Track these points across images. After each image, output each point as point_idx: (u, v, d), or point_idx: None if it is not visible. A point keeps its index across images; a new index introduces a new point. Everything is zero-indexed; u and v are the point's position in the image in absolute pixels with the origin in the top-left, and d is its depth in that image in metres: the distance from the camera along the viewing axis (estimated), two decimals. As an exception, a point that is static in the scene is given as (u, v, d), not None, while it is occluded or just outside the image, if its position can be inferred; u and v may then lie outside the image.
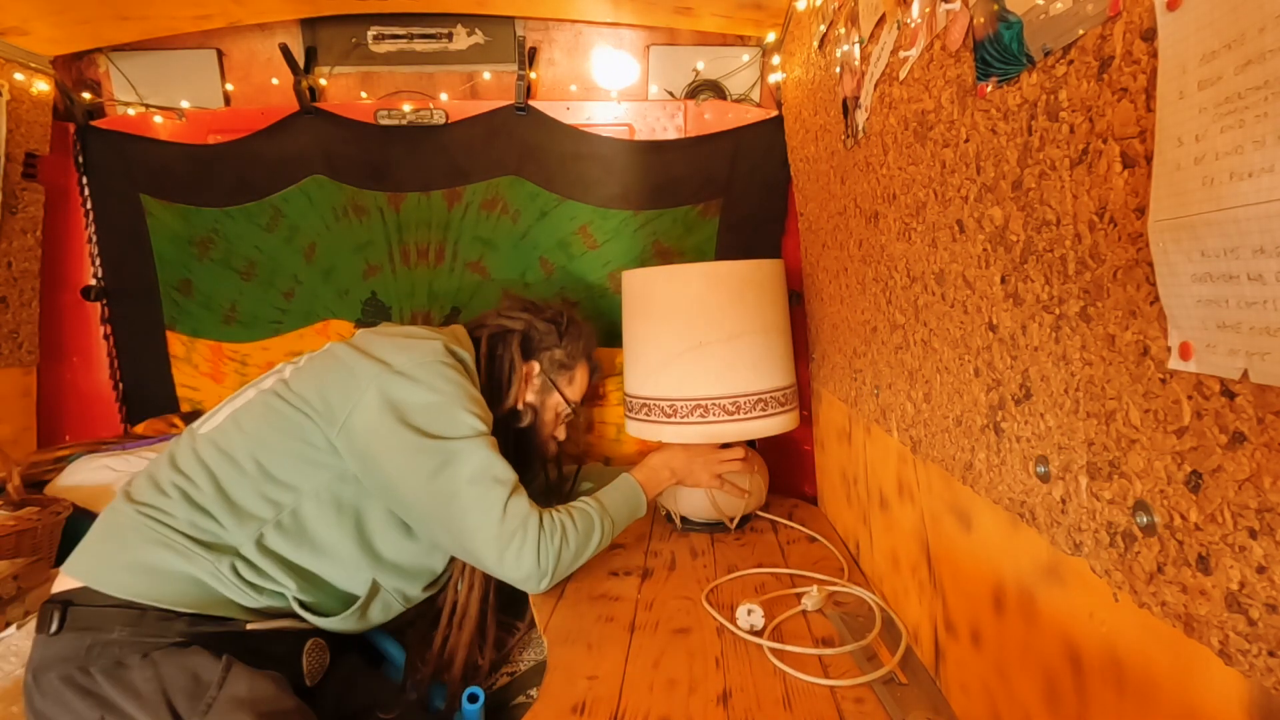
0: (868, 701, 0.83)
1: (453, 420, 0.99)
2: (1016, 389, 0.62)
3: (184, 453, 1.00)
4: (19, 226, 1.54)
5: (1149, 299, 0.44)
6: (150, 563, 0.90)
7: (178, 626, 0.89)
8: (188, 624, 0.89)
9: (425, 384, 1.00)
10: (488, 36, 1.65)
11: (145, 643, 0.87)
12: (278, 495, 0.97)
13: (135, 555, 0.90)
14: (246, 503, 0.96)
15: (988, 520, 0.72)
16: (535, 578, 1.00)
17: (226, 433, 1.00)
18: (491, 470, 0.99)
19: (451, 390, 1.01)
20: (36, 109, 1.53)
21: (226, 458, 0.98)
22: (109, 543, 0.93)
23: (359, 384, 0.99)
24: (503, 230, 1.61)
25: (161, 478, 0.97)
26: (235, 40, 1.64)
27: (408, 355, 1.02)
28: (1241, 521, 0.39)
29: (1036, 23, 0.54)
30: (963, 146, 0.68)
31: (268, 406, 1.01)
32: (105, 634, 0.86)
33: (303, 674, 0.98)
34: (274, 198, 1.60)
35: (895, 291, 0.92)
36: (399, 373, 0.99)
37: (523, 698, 1.14)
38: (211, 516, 0.94)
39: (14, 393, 1.60)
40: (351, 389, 0.99)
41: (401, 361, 1.01)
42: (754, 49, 1.62)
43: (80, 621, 0.86)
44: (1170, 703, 0.47)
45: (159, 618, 0.88)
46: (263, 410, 1.01)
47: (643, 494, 1.21)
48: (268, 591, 0.95)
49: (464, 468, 0.97)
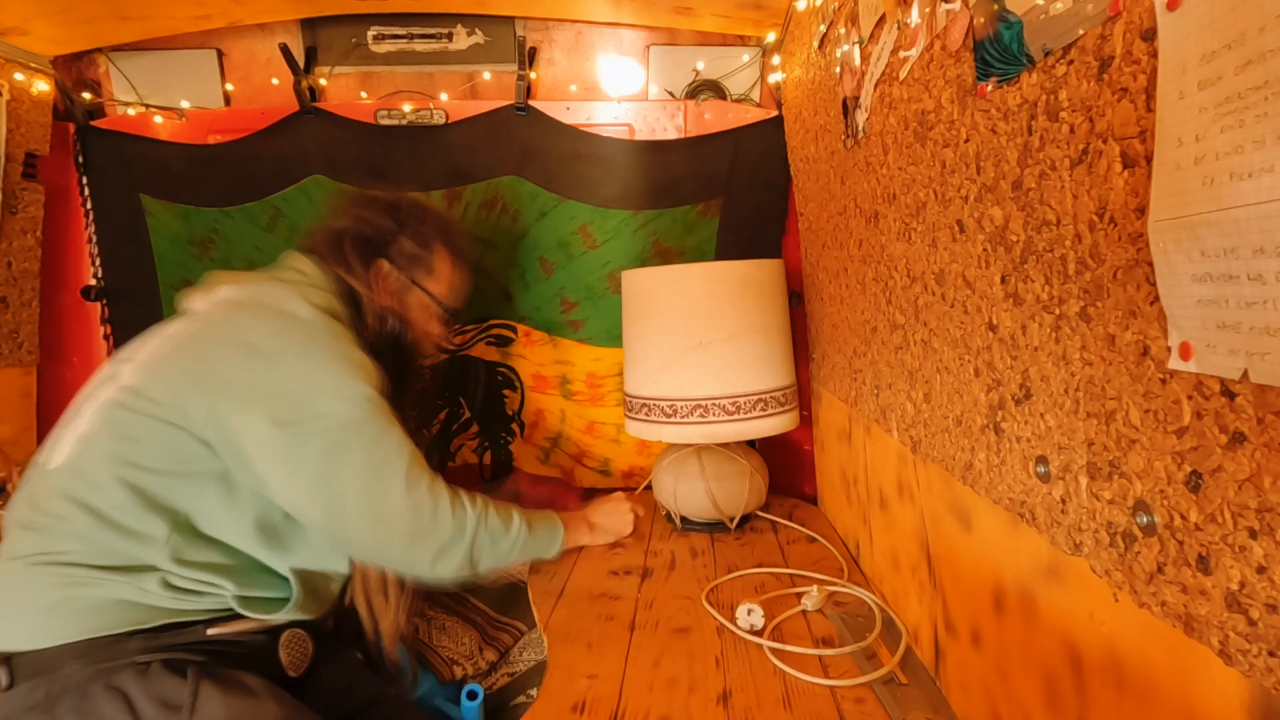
0: (868, 701, 0.83)
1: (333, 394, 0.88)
2: (1016, 389, 0.62)
3: (44, 495, 0.86)
4: (19, 226, 1.54)
5: (1149, 299, 0.44)
6: (68, 604, 0.81)
7: (133, 645, 0.81)
8: (143, 640, 0.82)
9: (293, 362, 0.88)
10: (488, 36, 1.65)
11: (104, 669, 0.79)
12: (161, 511, 0.86)
13: (47, 603, 0.81)
14: (137, 525, 0.84)
15: (988, 520, 0.72)
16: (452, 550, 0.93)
17: (81, 460, 0.86)
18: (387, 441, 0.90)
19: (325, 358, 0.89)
20: (36, 109, 1.53)
21: (91, 485, 0.85)
22: (11, 604, 0.82)
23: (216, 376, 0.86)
24: (503, 230, 1.61)
25: (31, 523, 0.85)
26: (235, 40, 1.64)
27: (264, 331, 0.89)
28: (1241, 521, 0.39)
29: (1036, 23, 0.54)
30: (963, 146, 0.68)
31: (116, 421, 0.87)
32: (60, 673, 0.79)
33: (284, 668, 0.91)
34: (274, 198, 1.60)
35: (895, 291, 0.92)
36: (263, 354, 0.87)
37: (523, 697, 1.14)
38: (106, 548, 0.83)
39: (14, 393, 1.60)
40: (209, 383, 0.86)
41: (259, 340, 0.88)
42: (754, 49, 1.62)
43: (28, 669, 0.79)
44: (1170, 703, 0.47)
45: (109, 642, 0.81)
46: (112, 425, 0.87)
47: (562, 529, 1.15)
48: (209, 594, 0.87)
49: (355, 445, 0.88)
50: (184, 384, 0.87)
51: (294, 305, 0.91)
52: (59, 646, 0.80)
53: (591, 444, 1.68)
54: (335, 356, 0.90)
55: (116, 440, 0.86)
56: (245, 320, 0.90)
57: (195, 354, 0.89)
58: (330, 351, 0.90)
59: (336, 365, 0.89)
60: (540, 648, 1.17)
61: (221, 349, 0.88)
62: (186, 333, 0.91)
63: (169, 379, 0.87)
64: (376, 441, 0.89)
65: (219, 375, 0.86)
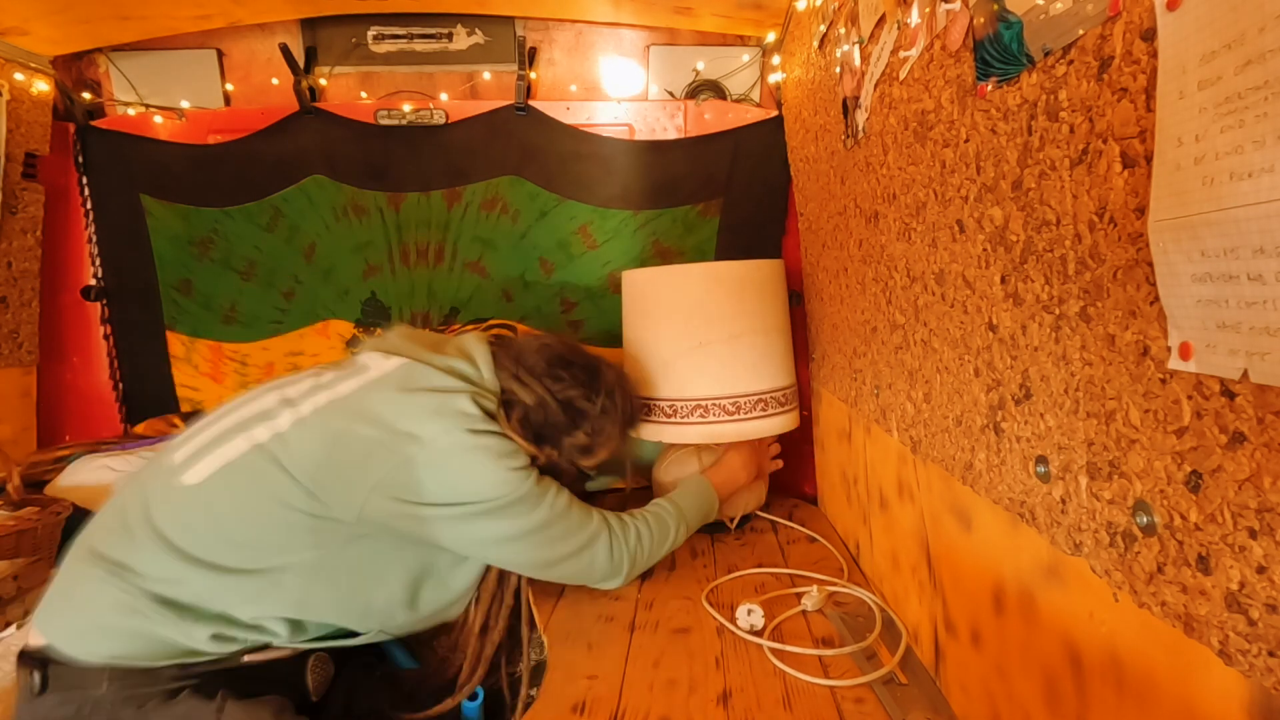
0: (868, 701, 0.82)
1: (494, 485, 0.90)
2: (1016, 389, 0.62)
3: (162, 503, 0.87)
4: (19, 226, 1.54)
5: (1149, 299, 0.44)
6: (120, 628, 0.82)
7: (168, 673, 0.83)
8: (179, 670, 0.83)
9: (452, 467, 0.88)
10: (488, 36, 1.65)
11: (136, 695, 0.81)
12: (272, 566, 0.86)
13: (103, 620, 0.82)
14: (234, 569, 0.85)
15: (988, 520, 0.71)
16: (613, 578, 1.03)
17: (214, 493, 0.87)
18: (544, 501, 0.93)
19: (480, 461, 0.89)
20: (36, 109, 1.53)
21: (211, 520, 0.86)
22: (73, 603, 0.84)
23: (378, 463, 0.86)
24: (502, 230, 1.61)
25: (136, 529, 0.86)
26: (235, 40, 1.64)
27: (432, 426, 0.88)
28: (1241, 521, 0.39)
29: (1036, 23, 0.54)
30: (963, 146, 0.68)
31: (261, 472, 0.87)
32: (92, 691, 0.80)
33: (309, 692, 0.93)
34: (274, 198, 1.60)
35: (895, 291, 0.92)
36: (424, 459, 0.87)
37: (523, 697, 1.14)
38: (186, 584, 0.84)
39: (14, 393, 1.60)
40: (369, 470, 0.86)
41: (426, 434, 0.87)
42: (754, 49, 1.62)
43: (63, 681, 0.80)
44: (1170, 703, 0.47)
45: (146, 671, 0.82)
46: (255, 475, 0.87)
47: (715, 496, 1.22)
48: (255, 640, 0.88)
49: (521, 511, 0.91)
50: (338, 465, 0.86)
51: (461, 403, 0.91)
52: (99, 667, 0.81)
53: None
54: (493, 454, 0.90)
55: (253, 487, 0.86)
56: (414, 412, 0.89)
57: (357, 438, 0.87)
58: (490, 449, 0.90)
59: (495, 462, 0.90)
60: (540, 648, 1.17)
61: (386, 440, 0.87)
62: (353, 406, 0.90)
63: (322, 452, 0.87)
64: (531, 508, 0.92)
65: (379, 463, 0.86)
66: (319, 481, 0.86)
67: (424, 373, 0.95)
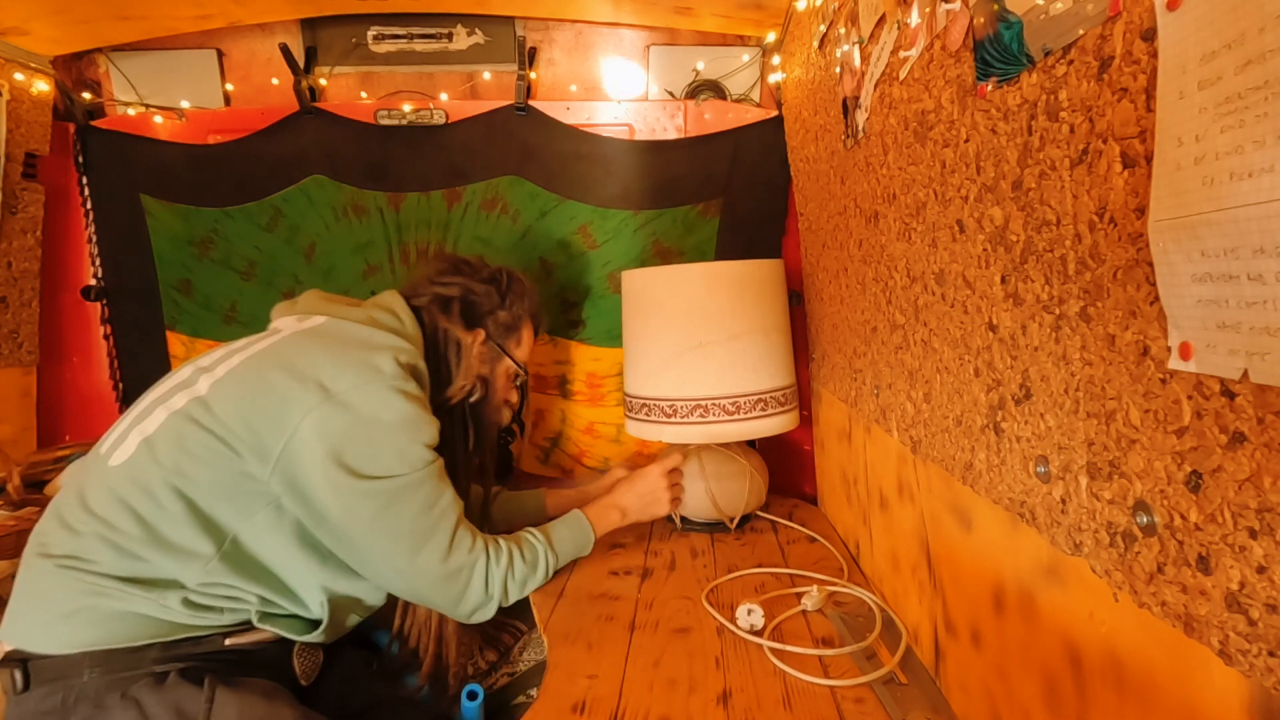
0: (868, 701, 0.83)
1: (398, 456, 0.90)
2: (1016, 389, 0.62)
3: (96, 490, 0.87)
4: (19, 226, 1.54)
5: (1149, 299, 0.44)
6: (88, 613, 0.82)
7: (151, 655, 0.83)
8: (161, 650, 0.83)
9: (369, 417, 0.89)
10: (488, 36, 1.65)
11: (121, 679, 0.80)
12: (212, 530, 0.87)
13: (69, 608, 0.82)
14: (179, 540, 0.85)
15: (988, 520, 0.71)
16: (483, 608, 0.98)
17: (141, 465, 0.87)
18: (438, 504, 0.94)
19: (398, 420, 0.90)
20: (36, 109, 1.53)
21: (146, 494, 0.86)
22: (34, 604, 0.84)
23: (293, 415, 0.86)
24: (502, 230, 1.61)
25: (75, 522, 0.86)
26: (235, 40, 1.64)
27: (352, 377, 0.89)
28: (1241, 521, 0.39)
29: (1036, 23, 0.54)
30: (963, 146, 0.68)
31: (184, 434, 0.87)
32: (76, 679, 0.80)
33: (296, 677, 0.94)
34: (274, 198, 1.60)
35: (895, 291, 0.92)
36: (341, 404, 0.87)
37: (523, 697, 1.14)
38: (141, 559, 0.84)
39: (14, 393, 1.60)
40: (285, 420, 0.86)
41: (343, 387, 0.88)
42: (754, 49, 1.62)
43: (46, 674, 0.80)
44: (1170, 703, 0.47)
45: (127, 652, 0.82)
46: (179, 438, 0.87)
47: (592, 534, 1.16)
48: (229, 611, 0.88)
49: (409, 505, 0.91)
50: (258, 416, 0.87)
51: (381, 360, 0.92)
52: (77, 654, 0.81)
53: (591, 444, 1.68)
54: (406, 420, 0.91)
55: (181, 453, 0.87)
56: (331, 364, 0.90)
57: (275, 389, 0.88)
58: (404, 415, 0.91)
59: (405, 429, 0.91)
60: (540, 648, 1.18)
61: (304, 391, 0.87)
62: (271, 360, 0.91)
63: (244, 407, 0.88)
64: (427, 507, 0.93)
65: (294, 416, 0.86)
66: (238, 435, 0.87)
67: (343, 327, 0.98)
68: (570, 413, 1.67)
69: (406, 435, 0.91)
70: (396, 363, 0.93)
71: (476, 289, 1.15)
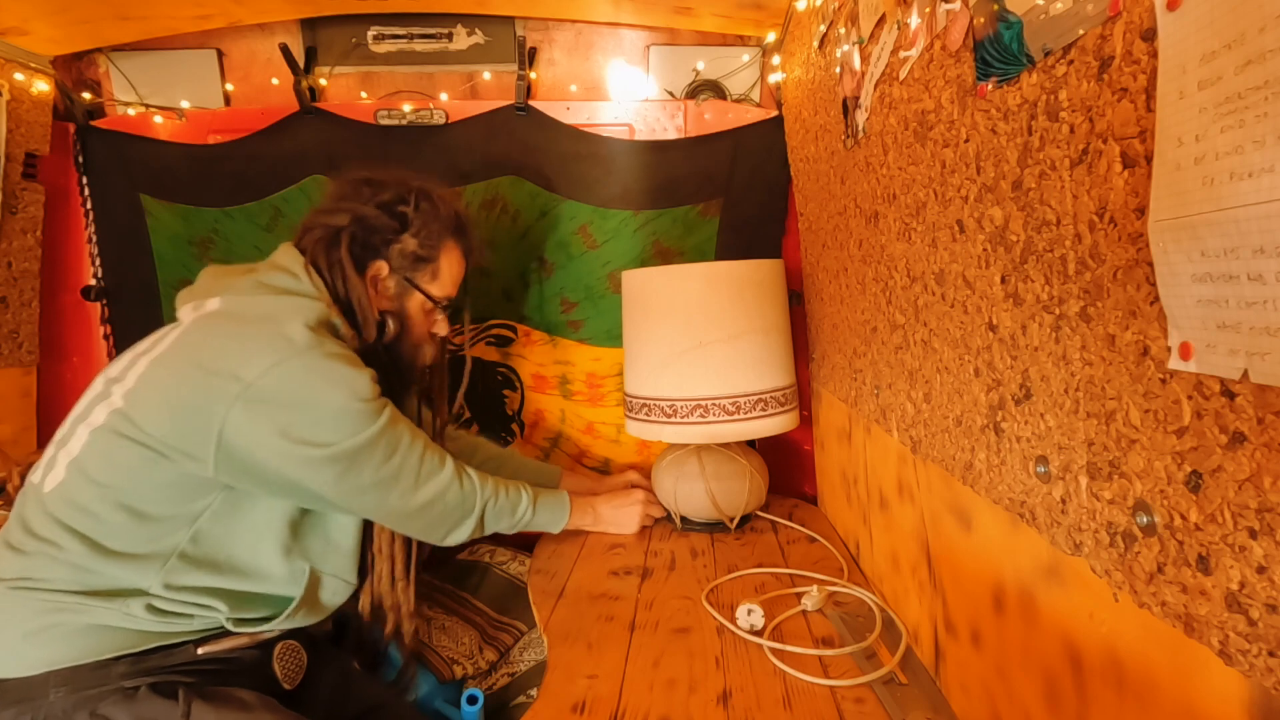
0: (868, 701, 0.83)
1: (342, 418, 0.86)
2: (1016, 389, 0.62)
3: (35, 516, 0.85)
4: (19, 226, 1.54)
5: (1149, 299, 0.44)
6: (49, 631, 0.79)
7: (119, 670, 0.79)
8: (130, 664, 0.80)
9: (297, 392, 0.84)
10: (488, 36, 1.65)
11: (89, 696, 0.77)
12: (166, 532, 0.84)
13: (28, 629, 0.79)
14: (130, 548, 0.83)
15: (988, 520, 0.72)
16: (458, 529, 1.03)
17: (75, 487, 0.84)
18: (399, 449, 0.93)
19: (326, 383, 0.85)
20: (36, 109, 1.53)
21: (86, 514, 0.83)
22: None
23: (216, 411, 0.82)
24: (503, 230, 1.61)
25: (21, 545, 0.84)
26: (235, 40, 1.64)
27: (264, 358, 0.83)
28: (1241, 521, 0.39)
29: (1036, 23, 0.54)
30: (963, 146, 0.68)
31: (112, 450, 0.84)
32: (42, 700, 0.76)
33: (278, 681, 0.91)
34: (274, 198, 1.60)
35: (895, 291, 0.92)
36: (263, 389, 0.83)
37: (523, 698, 1.14)
38: (93, 571, 0.82)
39: (14, 393, 1.60)
40: (210, 419, 0.82)
41: (258, 371, 0.83)
42: (754, 49, 1.62)
43: (10, 696, 0.77)
44: (1170, 703, 0.47)
45: (93, 668, 0.79)
46: (107, 455, 0.84)
47: (566, 519, 1.24)
48: (199, 616, 0.85)
49: (371, 459, 0.89)
50: (181, 420, 0.83)
51: (290, 329, 0.87)
52: (41, 674, 0.78)
53: (591, 444, 1.68)
54: (334, 382, 0.86)
55: (114, 470, 0.84)
56: (238, 351, 0.85)
57: (192, 389, 0.84)
58: (330, 377, 0.86)
59: (338, 390, 0.86)
60: (540, 648, 1.17)
61: (221, 383, 0.83)
62: (179, 359, 0.87)
63: (165, 413, 0.84)
64: (387, 456, 0.92)
65: (218, 413, 0.82)
66: (167, 441, 0.83)
67: (240, 304, 0.92)
68: (570, 413, 1.67)
69: (342, 395, 0.86)
70: (306, 327, 0.87)
71: (369, 214, 1.01)
